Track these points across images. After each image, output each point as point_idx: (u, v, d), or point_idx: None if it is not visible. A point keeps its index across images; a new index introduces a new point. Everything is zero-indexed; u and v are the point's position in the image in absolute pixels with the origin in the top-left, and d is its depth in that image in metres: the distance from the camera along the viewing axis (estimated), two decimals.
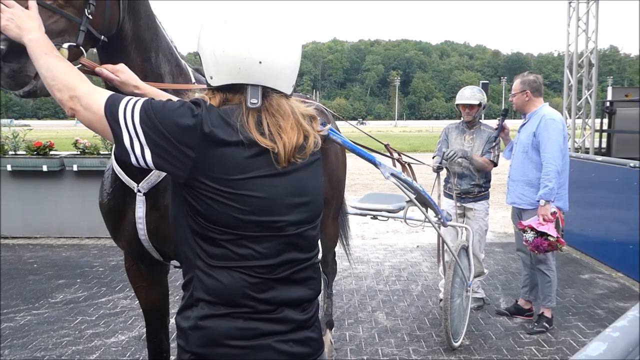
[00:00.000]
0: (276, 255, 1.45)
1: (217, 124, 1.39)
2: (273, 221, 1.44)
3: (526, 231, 4.12)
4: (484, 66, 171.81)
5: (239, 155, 1.39)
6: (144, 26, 2.05)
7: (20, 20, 1.53)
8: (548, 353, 4.02)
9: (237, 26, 1.43)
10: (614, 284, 5.64)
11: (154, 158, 1.40)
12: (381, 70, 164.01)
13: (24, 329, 4.42)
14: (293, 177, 1.47)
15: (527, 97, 4.41)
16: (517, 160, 4.46)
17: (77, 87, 1.44)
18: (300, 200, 1.49)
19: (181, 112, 1.39)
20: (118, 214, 2.28)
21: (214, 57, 1.43)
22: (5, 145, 7.37)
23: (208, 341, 1.42)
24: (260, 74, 1.43)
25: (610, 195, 6.24)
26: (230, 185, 1.39)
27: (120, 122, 1.39)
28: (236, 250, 1.42)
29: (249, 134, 1.40)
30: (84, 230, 7.37)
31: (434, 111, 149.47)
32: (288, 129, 1.44)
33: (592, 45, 9.03)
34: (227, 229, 1.41)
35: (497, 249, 7.01)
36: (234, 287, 1.42)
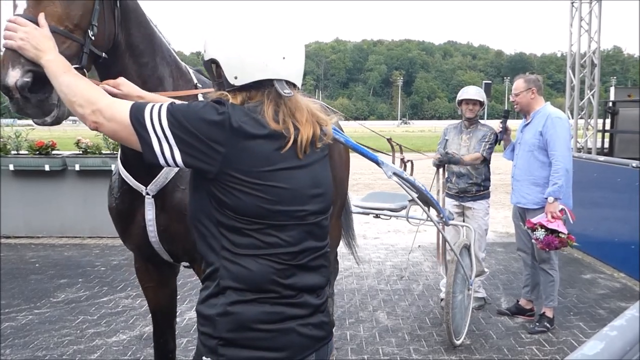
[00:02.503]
0: (298, 242, 1.55)
1: (243, 120, 1.46)
2: (296, 210, 1.53)
3: (536, 229, 4.11)
4: (487, 66, 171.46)
5: (266, 148, 1.48)
6: (136, 33, 2.06)
7: (36, 41, 1.58)
8: (549, 353, 4.01)
9: (260, 25, 1.54)
10: (615, 284, 5.63)
11: (184, 158, 1.46)
12: (384, 70, 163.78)
13: (26, 329, 4.43)
14: (311, 169, 1.58)
15: (533, 94, 4.40)
16: (522, 160, 4.45)
17: (98, 101, 1.50)
18: (318, 191, 1.60)
19: (207, 110, 1.46)
20: (127, 217, 2.31)
21: (238, 57, 1.51)
22: (8, 144, 7.38)
23: (237, 326, 1.49)
24: (284, 69, 1.54)
25: (612, 196, 6.22)
26: (258, 177, 1.47)
27: (148, 127, 1.45)
28: (263, 238, 1.50)
29: (271, 126, 1.48)
30: (85, 229, 7.38)
31: (437, 111, 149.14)
32: (304, 120, 1.54)
33: (595, 46, 9.02)
34: (255, 219, 1.49)
35: (498, 248, 7.00)
36: (261, 273, 1.50)
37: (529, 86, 4.40)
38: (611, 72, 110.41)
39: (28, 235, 7.39)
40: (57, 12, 1.69)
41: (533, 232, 4.16)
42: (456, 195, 4.81)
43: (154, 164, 1.48)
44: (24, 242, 7.19)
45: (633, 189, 5.60)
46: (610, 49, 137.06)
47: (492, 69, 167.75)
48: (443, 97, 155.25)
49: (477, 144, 4.69)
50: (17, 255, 6.61)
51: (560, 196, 4.13)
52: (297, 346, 1.54)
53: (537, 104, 4.42)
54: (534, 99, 4.42)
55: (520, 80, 4.50)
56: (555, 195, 4.11)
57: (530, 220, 4.21)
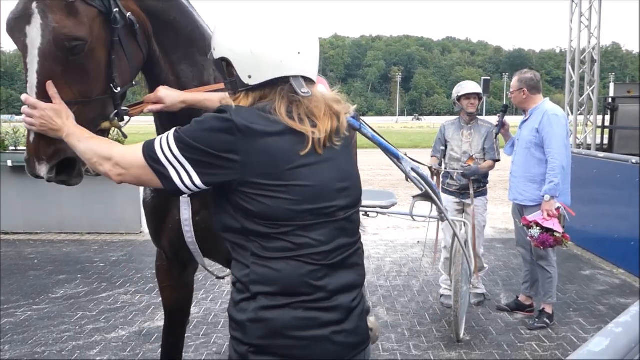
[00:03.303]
0: (330, 241, 1.48)
1: (252, 119, 1.41)
2: (324, 207, 1.47)
3: (531, 227, 4.11)
4: (485, 62, 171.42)
5: (282, 146, 1.42)
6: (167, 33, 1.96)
7: (50, 121, 1.63)
8: (549, 349, 4.01)
9: (272, 22, 1.47)
10: (615, 280, 5.63)
11: (202, 179, 1.43)
12: (382, 66, 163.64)
13: (25, 324, 4.42)
14: (335, 162, 1.51)
15: (525, 95, 4.41)
16: (520, 157, 4.45)
17: (112, 154, 1.52)
18: (344, 184, 1.53)
19: (211, 122, 1.42)
20: (162, 212, 2.26)
21: (252, 55, 1.45)
22: (6, 140, 7.36)
23: (269, 332, 1.43)
24: (300, 65, 1.48)
25: (611, 192, 6.22)
26: (279, 178, 1.41)
27: (162, 160, 1.43)
28: (293, 240, 1.44)
29: (284, 122, 1.43)
30: (84, 225, 7.37)
31: (435, 107, 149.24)
32: (321, 115, 1.48)
33: (595, 42, 9.01)
34: (283, 222, 1.43)
35: (497, 244, 7.01)
36: (293, 275, 1.43)
37: (520, 86, 4.42)
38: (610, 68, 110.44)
39: (26, 231, 7.38)
40: (68, 94, 1.69)
41: (528, 230, 4.16)
42: (457, 192, 4.80)
43: (178, 195, 1.48)
44: (23, 239, 7.18)
45: (633, 186, 5.60)
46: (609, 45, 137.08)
47: (490, 65, 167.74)
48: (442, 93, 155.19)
49: (483, 142, 4.69)
50: (15, 251, 6.60)
51: (557, 194, 4.13)
52: (330, 355, 1.45)
53: (532, 102, 4.42)
54: (526, 99, 4.42)
55: (514, 79, 4.52)
56: (551, 193, 4.11)
57: (526, 218, 4.21)
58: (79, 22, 1.65)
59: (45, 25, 1.61)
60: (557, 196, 4.13)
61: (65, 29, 1.62)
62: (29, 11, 1.62)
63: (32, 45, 1.64)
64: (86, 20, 1.66)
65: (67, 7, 1.62)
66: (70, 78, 1.69)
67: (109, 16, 1.71)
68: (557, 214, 4.13)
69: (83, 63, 1.70)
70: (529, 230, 4.15)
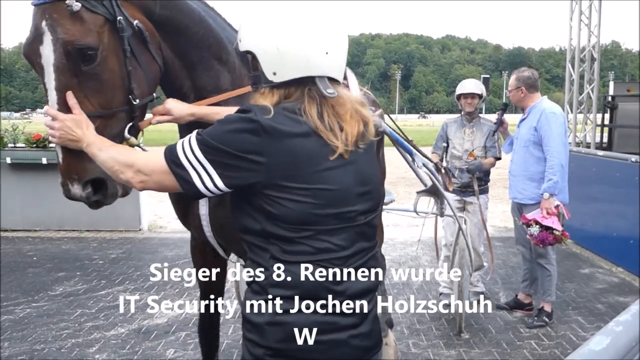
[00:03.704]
0: (350, 245, 1.47)
1: (278, 120, 1.39)
2: (347, 212, 1.46)
3: (531, 225, 4.12)
4: (485, 60, 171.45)
5: (308, 147, 1.40)
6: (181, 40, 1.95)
7: (70, 132, 1.63)
8: (548, 347, 4.01)
9: (300, 19, 1.44)
10: (614, 278, 5.63)
11: (225, 181, 1.41)
12: (382, 64, 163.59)
13: (24, 322, 4.41)
14: (357, 166, 1.48)
15: (522, 93, 4.41)
16: (518, 155, 4.45)
17: (133, 161, 1.51)
18: (365, 189, 1.51)
19: (235, 125, 1.40)
20: (184, 204, 2.33)
21: (277, 52, 1.42)
22: (5, 137, 7.35)
23: (287, 336, 1.42)
24: (326, 65, 1.45)
25: (611, 190, 6.22)
26: (304, 180, 1.39)
27: (185, 164, 1.41)
28: (314, 244, 1.42)
29: (313, 124, 1.40)
30: (83, 223, 7.36)
31: (435, 105, 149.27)
32: (348, 117, 1.45)
33: (594, 40, 9.00)
34: (306, 226, 1.41)
35: (497, 243, 7.00)
36: (312, 280, 1.42)
37: (518, 85, 4.42)
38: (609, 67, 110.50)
39: (25, 228, 7.37)
40: (88, 106, 1.70)
41: (528, 228, 4.16)
42: (458, 189, 4.81)
43: (200, 198, 1.48)
44: (22, 236, 7.17)
45: (632, 184, 5.60)
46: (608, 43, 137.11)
47: (490, 63, 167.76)
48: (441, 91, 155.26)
49: (484, 140, 4.71)
50: (14, 248, 6.59)
51: (556, 192, 4.13)
52: (347, 358, 1.46)
53: (530, 101, 4.42)
54: (524, 97, 4.43)
55: (512, 77, 4.52)
56: (550, 191, 4.11)
57: (525, 216, 4.21)
58: (86, 30, 1.66)
59: (56, 40, 1.65)
60: (556, 194, 4.14)
61: (74, 38, 1.65)
62: (40, 31, 1.66)
63: (47, 63, 1.67)
64: (93, 28, 1.68)
65: (72, 16, 1.64)
66: (87, 90, 1.71)
67: (115, 23, 1.72)
68: (556, 211, 4.13)
69: (98, 73, 1.71)
70: (528, 228, 4.15)
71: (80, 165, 1.71)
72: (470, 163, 4.68)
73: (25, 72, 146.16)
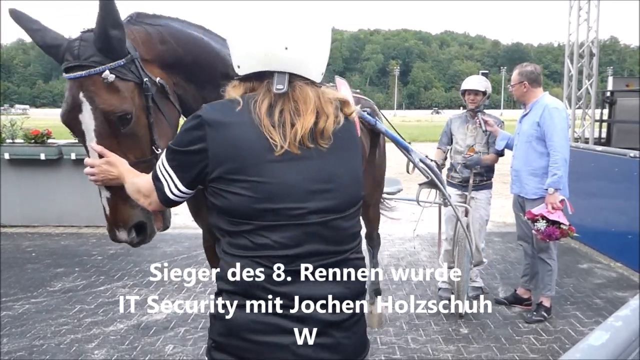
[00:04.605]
0: (296, 245, 1.40)
1: (224, 112, 1.42)
2: (290, 208, 1.39)
3: (537, 220, 4.12)
4: (483, 56, 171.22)
5: (251, 140, 1.39)
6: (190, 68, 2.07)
7: (107, 172, 1.79)
8: (546, 342, 4.03)
9: (262, 13, 1.43)
10: (612, 273, 5.65)
11: (183, 182, 1.47)
12: (380, 59, 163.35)
13: (23, 318, 4.41)
14: (312, 162, 1.43)
15: (525, 88, 4.41)
16: (521, 151, 4.45)
17: (140, 187, 1.63)
18: (324, 186, 1.43)
19: (186, 125, 1.46)
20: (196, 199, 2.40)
21: (241, 44, 1.46)
22: (3, 133, 7.33)
23: (227, 331, 1.42)
24: (287, 60, 1.42)
25: (609, 185, 6.23)
26: (244, 173, 1.38)
27: (159, 176, 1.50)
28: (254, 240, 1.40)
29: (257, 118, 1.40)
30: (82, 218, 7.35)
31: (433, 101, 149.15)
32: (307, 113, 1.42)
33: (593, 35, 8.99)
34: (245, 220, 1.39)
35: (495, 238, 7.01)
36: (250, 277, 1.38)
37: (521, 79, 4.41)
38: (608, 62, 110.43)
39: (24, 224, 7.36)
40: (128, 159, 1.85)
41: (534, 224, 4.16)
42: (459, 184, 4.82)
43: (171, 205, 1.56)
44: (20, 231, 7.16)
45: (630, 179, 5.61)
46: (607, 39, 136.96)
47: (488, 58, 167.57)
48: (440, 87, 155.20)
49: (492, 141, 4.75)
50: (13, 244, 6.59)
51: (560, 187, 4.14)
52: None
53: (533, 96, 4.42)
54: (527, 92, 4.42)
55: (515, 72, 4.51)
56: (555, 186, 4.12)
57: (531, 211, 4.20)
58: (122, 98, 1.82)
59: (95, 109, 1.80)
60: (560, 188, 4.14)
61: (112, 107, 1.80)
62: (78, 101, 1.80)
63: (88, 129, 1.83)
64: (127, 94, 1.84)
65: (108, 88, 1.80)
66: (124, 147, 1.88)
67: (142, 85, 1.87)
68: (561, 206, 4.14)
69: (133, 132, 1.88)
70: (535, 223, 4.14)
71: (124, 214, 1.91)
72: (469, 158, 4.69)
73: (23, 67, 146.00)
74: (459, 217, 3.85)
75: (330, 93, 1.51)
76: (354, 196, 1.52)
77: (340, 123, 1.47)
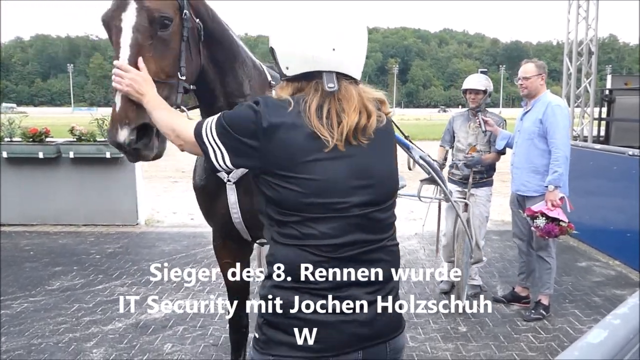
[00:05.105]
0: (339, 235, 1.54)
1: (277, 111, 1.52)
2: (334, 202, 1.53)
3: (537, 217, 4.12)
4: (482, 54, 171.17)
5: (300, 139, 1.51)
6: (219, 50, 2.23)
7: (138, 85, 1.83)
8: (544, 340, 4.03)
9: (309, 15, 1.55)
10: (610, 271, 5.65)
11: (232, 159, 1.58)
12: (379, 57, 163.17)
13: (21, 316, 4.41)
14: (355, 159, 1.55)
15: (542, 80, 4.41)
16: (522, 148, 4.45)
17: (175, 127, 1.72)
18: (364, 182, 1.56)
19: (244, 111, 1.56)
20: (212, 196, 2.56)
21: (289, 47, 1.56)
22: (1, 132, 7.31)
23: (275, 309, 1.55)
24: (334, 61, 1.54)
25: (608, 184, 6.23)
26: (293, 170, 1.51)
27: (205, 141, 1.60)
28: (301, 230, 1.53)
29: (307, 118, 1.51)
30: (80, 217, 7.34)
31: (432, 99, 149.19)
32: (351, 111, 1.54)
33: (592, 33, 8.99)
34: (292, 212, 1.53)
35: (494, 236, 7.01)
36: (297, 262, 1.53)
37: (539, 72, 4.39)
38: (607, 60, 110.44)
39: (22, 222, 7.34)
40: (152, 68, 1.92)
41: (533, 221, 4.16)
42: (459, 181, 4.85)
43: (216, 171, 1.66)
44: (19, 230, 7.15)
45: (629, 177, 5.61)
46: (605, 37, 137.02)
47: (487, 57, 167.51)
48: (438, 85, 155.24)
49: (494, 140, 4.77)
50: (11, 243, 6.57)
51: (561, 184, 4.15)
52: (335, 341, 1.54)
53: (543, 89, 4.42)
54: (542, 85, 4.42)
55: (531, 64, 4.45)
56: (555, 183, 4.12)
57: (531, 208, 4.21)
58: (166, 4, 1.96)
59: (140, 7, 1.91)
60: (560, 186, 4.15)
61: (157, 7, 1.93)
62: (125, 2, 1.91)
63: (127, 25, 1.90)
64: (170, 6, 1.97)
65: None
66: (155, 52, 1.94)
67: (182, 14, 1.99)
68: (560, 203, 4.15)
69: (166, 40, 1.96)
70: (535, 220, 4.15)
71: (134, 112, 1.89)
72: (469, 158, 4.72)
73: (21, 65, 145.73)
74: (458, 213, 3.87)
75: (370, 92, 1.63)
76: (391, 190, 1.67)
77: (382, 121, 1.61)
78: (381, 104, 1.65)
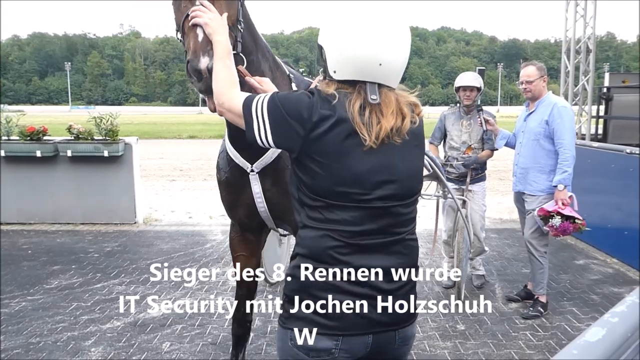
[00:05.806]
0: (360, 223, 1.66)
1: (324, 105, 1.65)
2: (360, 193, 1.65)
3: (552, 217, 4.16)
4: (480, 52, 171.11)
5: (340, 132, 1.63)
6: (246, 33, 2.32)
7: (217, 24, 1.94)
8: (543, 338, 4.03)
9: (363, 30, 1.64)
10: (608, 269, 5.66)
11: (274, 138, 1.69)
12: None
13: (19, 315, 4.40)
14: (385, 156, 1.68)
15: (544, 82, 4.45)
16: (527, 149, 4.46)
17: (225, 92, 1.82)
18: (389, 178, 1.68)
19: (300, 97, 1.69)
20: (237, 188, 2.67)
21: (340, 55, 1.67)
22: None
23: (298, 288, 1.69)
24: (379, 74, 1.67)
25: (605, 182, 6.24)
26: (330, 159, 1.64)
27: (253, 115, 1.71)
28: (325, 214, 1.67)
29: (350, 115, 1.63)
30: (78, 216, 7.33)
31: (430, 97, 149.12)
32: (388, 114, 1.67)
33: (590, 31, 9.00)
34: (321, 197, 1.67)
35: (492, 235, 7.02)
36: (320, 244, 1.67)
37: (541, 74, 4.43)
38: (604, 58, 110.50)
39: (20, 221, 7.33)
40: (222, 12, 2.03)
41: (548, 220, 4.19)
42: (456, 179, 4.87)
43: (253, 143, 1.74)
44: (16, 229, 7.14)
45: (627, 175, 5.62)
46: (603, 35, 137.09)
47: (485, 55, 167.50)
48: (436, 84, 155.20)
49: (487, 137, 4.80)
50: (9, 241, 6.56)
51: (569, 183, 4.20)
52: (349, 322, 1.65)
53: (545, 92, 4.45)
54: (544, 87, 4.46)
55: (532, 67, 4.46)
56: (565, 182, 4.18)
57: (544, 208, 4.23)
58: None
59: None
60: (569, 185, 4.20)
61: None
62: None
63: None
64: None
65: None
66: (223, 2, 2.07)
67: None
68: (569, 202, 4.19)
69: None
70: (550, 220, 4.18)
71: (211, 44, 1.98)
72: (466, 158, 4.75)
73: (19, 64, 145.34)
74: (459, 208, 3.88)
75: (405, 96, 1.76)
76: (413, 188, 1.78)
77: (415, 123, 1.74)
78: (415, 107, 1.76)
